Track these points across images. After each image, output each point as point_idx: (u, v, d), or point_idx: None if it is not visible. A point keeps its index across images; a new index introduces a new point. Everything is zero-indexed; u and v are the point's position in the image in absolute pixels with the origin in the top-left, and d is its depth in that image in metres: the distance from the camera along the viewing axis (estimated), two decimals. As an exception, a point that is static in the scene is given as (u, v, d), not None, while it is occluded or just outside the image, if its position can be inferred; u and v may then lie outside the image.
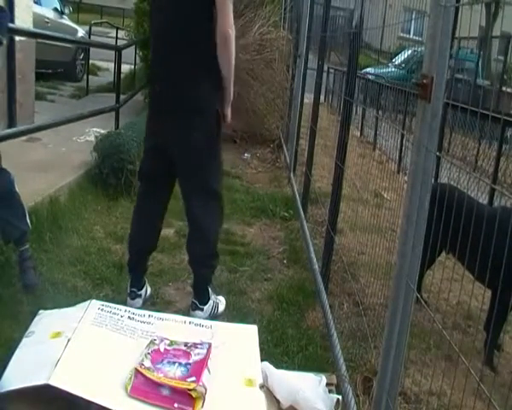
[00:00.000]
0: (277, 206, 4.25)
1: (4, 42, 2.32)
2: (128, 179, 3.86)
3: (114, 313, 1.97)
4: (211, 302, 2.49)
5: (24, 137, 4.03)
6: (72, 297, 2.41)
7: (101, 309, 1.98)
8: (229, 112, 2.40)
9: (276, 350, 2.27)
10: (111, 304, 2.04)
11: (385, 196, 4.20)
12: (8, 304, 2.32)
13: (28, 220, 2.53)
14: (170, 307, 2.53)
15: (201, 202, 2.40)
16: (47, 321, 1.93)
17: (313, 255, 3.22)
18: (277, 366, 1.84)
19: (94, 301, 2.05)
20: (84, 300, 2.13)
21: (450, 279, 2.28)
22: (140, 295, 2.50)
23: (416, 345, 2.41)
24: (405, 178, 1.97)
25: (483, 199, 4.01)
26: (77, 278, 2.68)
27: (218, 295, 2.60)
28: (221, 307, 2.53)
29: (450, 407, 1.90)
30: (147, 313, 2.06)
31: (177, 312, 2.44)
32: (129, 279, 2.53)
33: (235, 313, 2.54)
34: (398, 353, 1.47)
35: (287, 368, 1.90)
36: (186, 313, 2.42)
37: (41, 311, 2.03)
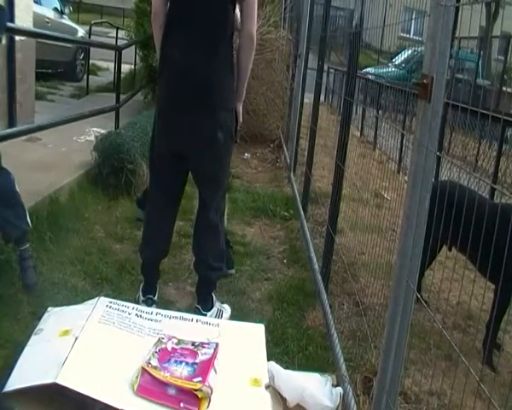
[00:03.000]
0: (277, 206, 4.25)
1: (3, 41, 2.32)
2: (128, 179, 3.86)
3: (122, 311, 1.98)
4: (215, 309, 2.47)
5: (24, 137, 4.02)
6: (72, 297, 2.41)
7: (109, 307, 1.98)
8: (241, 110, 2.39)
9: (276, 350, 2.27)
10: (119, 301, 2.04)
11: (385, 195, 4.20)
12: (8, 304, 2.32)
13: (28, 220, 2.53)
14: (170, 308, 2.52)
15: (216, 204, 2.39)
16: (55, 319, 1.94)
17: (313, 255, 3.22)
18: (277, 366, 1.84)
19: (102, 298, 2.05)
20: (85, 299, 2.13)
21: (451, 279, 2.28)
22: (155, 301, 2.48)
23: (416, 345, 2.41)
24: (405, 177, 1.97)
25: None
26: (77, 277, 2.68)
27: (223, 303, 2.58)
28: (225, 315, 2.50)
29: (450, 407, 1.90)
30: (154, 310, 2.07)
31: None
32: (142, 286, 2.50)
33: (235, 313, 2.54)
34: (398, 353, 1.47)
35: (287, 368, 1.90)
36: (187, 312, 2.42)
37: (50, 308, 2.04)
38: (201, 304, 2.45)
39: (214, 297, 2.50)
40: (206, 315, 2.40)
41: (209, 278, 2.47)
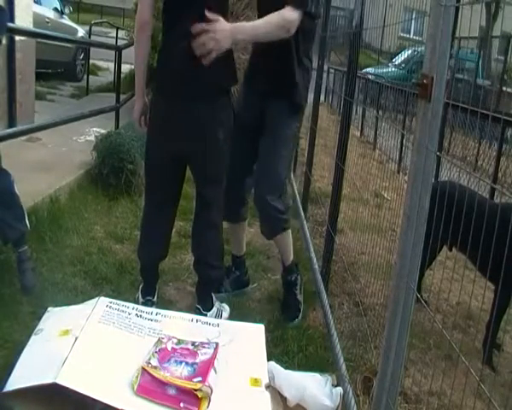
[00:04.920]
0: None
1: (4, 41, 2.31)
2: (128, 179, 3.86)
3: (122, 311, 1.98)
4: (215, 309, 2.47)
5: (24, 137, 4.03)
6: (72, 297, 2.41)
7: (109, 307, 1.98)
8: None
9: (276, 350, 2.27)
10: (119, 301, 2.04)
11: (385, 195, 4.20)
12: (8, 304, 2.32)
13: (27, 222, 2.52)
14: (170, 308, 2.52)
15: (217, 202, 2.38)
16: (55, 319, 1.94)
17: (313, 255, 3.22)
18: (277, 366, 1.84)
19: (102, 298, 2.05)
20: (85, 299, 2.13)
21: (451, 279, 2.28)
22: (155, 303, 2.47)
23: (416, 345, 2.41)
24: (405, 177, 1.97)
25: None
26: (77, 277, 2.68)
27: (222, 302, 2.58)
28: (224, 315, 2.50)
29: (450, 407, 1.90)
30: (154, 310, 2.07)
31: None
32: (141, 287, 2.50)
33: (235, 313, 2.54)
34: (398, 353, 1.46)
35: (287, 368, 1.90)
36: (187, 312, 2.42)
37: (50, 308, 2.04)
38: (201, 304, 2.45)
39: (214, 297, 2.51)
40: (206, 315, 2.40)
41: (209, 278, 2.47)
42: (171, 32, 2.20)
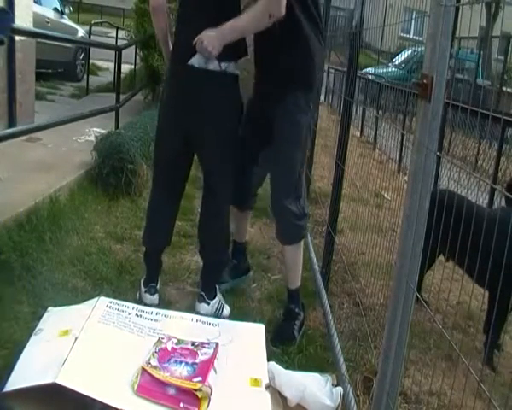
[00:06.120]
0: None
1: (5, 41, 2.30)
2: (128, 179, 3.85)
3: (122, 311, 1.98)
4: (217, 300, 2.49)
5: (24, 137, 4.02)
6: (72, 297, 2.41)
7: (109, 307, 1.99)
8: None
9: (276, 350, 2.27)
10: (119, 301, 2.05)
11: (385, 195, 4.20)
12: (8, 304, 2.31)
13: None
14: (170, 308, 2.52)
15: (226, 190, 2.40)
16: (55, 319, 1.94)
17: (313, 255, 3.22)
18: (277, 366, 1.84)
19: (102, 297, 2.06)
20: (85, 299, 2.13)
21: (451, 279, 2.28)
22: (157, 290, 2.50)
23: (416, 345, 2.41)
24: (405, 177, 1.96)
25: (483, 199, 4.02)
26: (77, 278, 2.68)
27: (223, 296, 2.59)
28: (225, 312, 2.51)
29: (450, 407, 1.90)
30: (154, 310, 2.07)
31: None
32: (143, 280, 2.52)
33: (235, 313, 2.54)
34: (398, 353, 1.46)
35: (287, 368, 1.90)
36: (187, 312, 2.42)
37: (50, 308, 2.04)
38: (205, 291, 2.47)
39: (217, 288, 2.52)
40: (209, 303, 2.43)
41: (215, 263, 2.50)
42: (184, 27, 2.25)
